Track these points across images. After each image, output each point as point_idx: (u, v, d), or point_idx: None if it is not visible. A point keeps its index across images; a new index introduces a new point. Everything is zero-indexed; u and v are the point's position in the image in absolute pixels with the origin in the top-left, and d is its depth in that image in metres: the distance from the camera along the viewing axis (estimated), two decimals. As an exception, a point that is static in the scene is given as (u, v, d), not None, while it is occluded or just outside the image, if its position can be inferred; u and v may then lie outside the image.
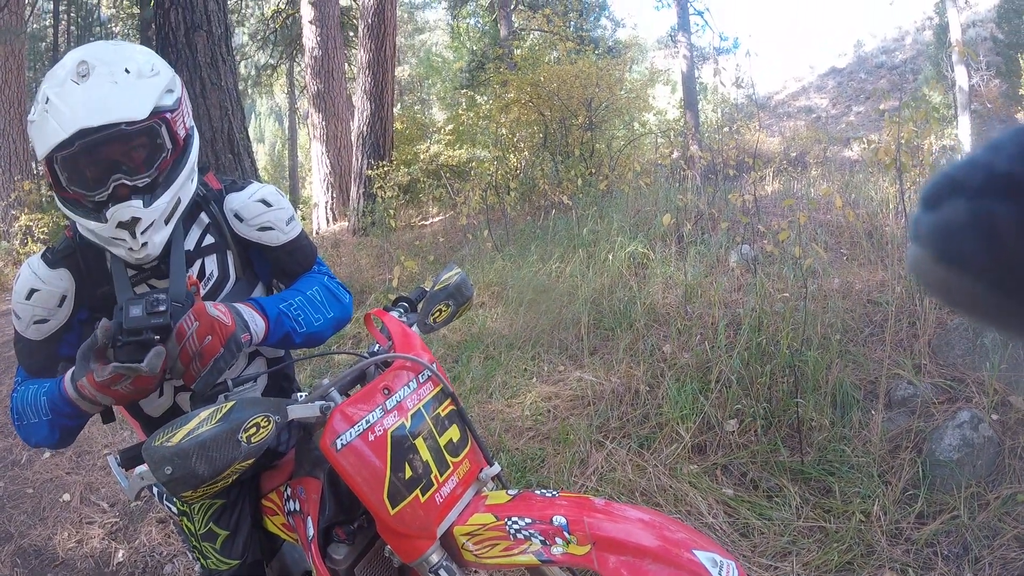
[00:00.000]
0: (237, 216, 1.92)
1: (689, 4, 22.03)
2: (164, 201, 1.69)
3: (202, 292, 1.85)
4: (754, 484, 3.51)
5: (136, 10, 19.96)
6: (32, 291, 1.72)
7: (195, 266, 1.87)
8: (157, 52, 1.92)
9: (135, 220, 1.65)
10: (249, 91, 24.30)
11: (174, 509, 2.40)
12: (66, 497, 4.38)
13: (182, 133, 1.76)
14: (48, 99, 1.59)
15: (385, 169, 11.08)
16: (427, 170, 12.84)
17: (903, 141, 5.49)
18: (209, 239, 1.92)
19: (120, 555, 3.76)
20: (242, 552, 2.02)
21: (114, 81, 1.61)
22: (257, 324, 1.76)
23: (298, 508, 1.83)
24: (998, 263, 0.35)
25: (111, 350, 1.54)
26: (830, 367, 3.95)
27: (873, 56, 35.14)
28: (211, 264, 1.91)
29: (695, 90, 19.83)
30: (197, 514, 2.05)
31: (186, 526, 2.11)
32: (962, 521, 3.02)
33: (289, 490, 1.90)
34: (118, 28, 22.15)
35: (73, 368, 1.60)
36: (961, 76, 20.89)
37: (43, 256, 1.78)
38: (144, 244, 1.69)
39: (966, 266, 0.37)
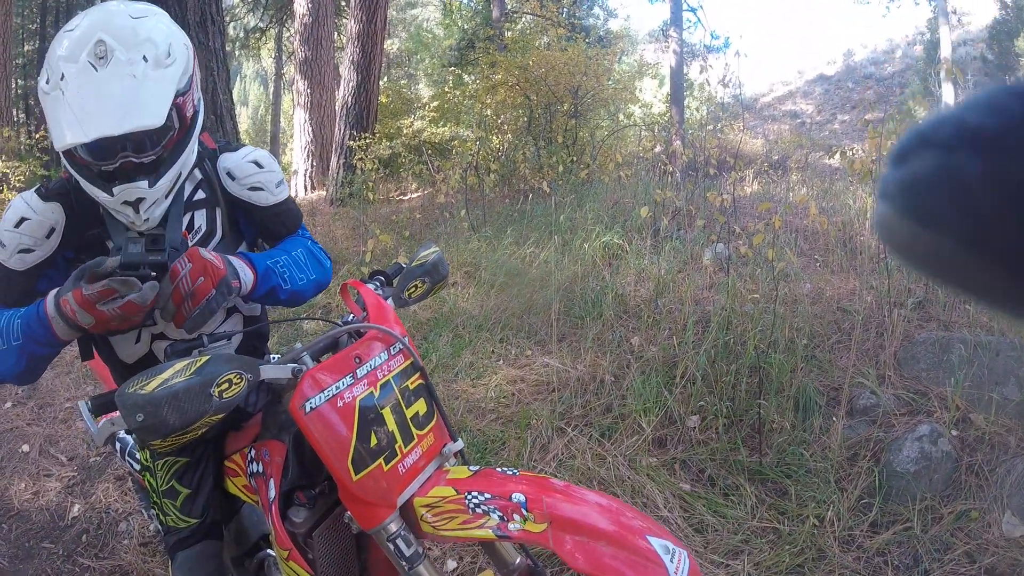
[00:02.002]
0: (229, 175, 1.97)
1: (683, 0, 22.02)
2: (168, 179, 1.74)
3: (191, 243, 1.87)
4: (711, 481, 3.55)
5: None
6: (22, 219, 1.74)
7: (185, 219, 1.91)
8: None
9: (140, 200, 1.69)
10: (236, 53, 24.01)
11: (136, 466, 2.41)
12: (25, 448, 4.35)
13: (190, 112, 1.80)
14: (64, 77, 1.59)
15: (367, 141, 10.98)
16: (409, 145, 12.75)
17: (884, 153, 5.53)
18: (200, 194, 1.96)
19: (75, 510, 3.74)
20: (202, 511, 2.05)
21: (132, 74, 1.61)
22: (246, 275, 1.81)
23: (261, 470, 1.84)
24: (964, 217, 0.35)
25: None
26: (795, 371, 3.99)
27: (862, 66, 35.26)
28: (200, 218, 1.95)
29: (682, 86, 19.75)
30: (160, 471, 2.07)
31: (148, 481, 2.12)
32: (914, 533, 3.07)
33: (253, 452, 1.91)
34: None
35: (58, 288, 1.61)
36: (948, 94, 21.02)
37: (36, 190, 1.81)
38: (146, 220, 1.74)
39: (932, 221, 0.37)
